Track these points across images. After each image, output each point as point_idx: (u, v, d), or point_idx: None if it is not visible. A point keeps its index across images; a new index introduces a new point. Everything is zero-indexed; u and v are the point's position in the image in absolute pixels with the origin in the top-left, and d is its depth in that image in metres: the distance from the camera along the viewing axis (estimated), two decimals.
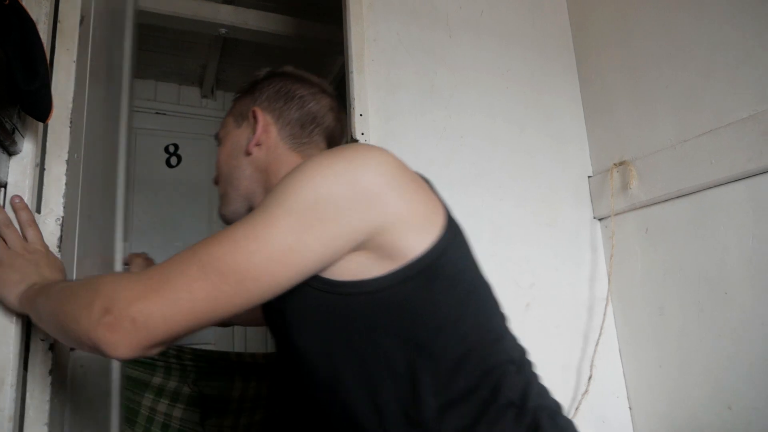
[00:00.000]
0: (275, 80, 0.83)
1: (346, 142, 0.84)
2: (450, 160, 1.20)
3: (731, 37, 1.02)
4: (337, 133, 0.85)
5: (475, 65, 1.28)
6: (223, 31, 1.93)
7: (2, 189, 0.75)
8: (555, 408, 0.65)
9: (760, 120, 0.95)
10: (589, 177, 1.35)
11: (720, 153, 1.02)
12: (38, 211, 0.77)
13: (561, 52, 1.41)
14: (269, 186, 0.77)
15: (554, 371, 1.18)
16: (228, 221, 0.80)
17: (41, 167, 0.78)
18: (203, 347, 1.52)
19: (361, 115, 1.10)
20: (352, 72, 1.12)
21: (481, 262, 0.69)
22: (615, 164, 1.27)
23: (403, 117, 1.18)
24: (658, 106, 1.16)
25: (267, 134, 0.78)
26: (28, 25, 0.68)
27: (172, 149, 2.56)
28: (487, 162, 1.24)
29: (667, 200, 1.14)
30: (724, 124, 1.02)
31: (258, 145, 0.78)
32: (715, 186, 1.03)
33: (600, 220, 1.32)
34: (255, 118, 0.79)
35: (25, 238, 0.73)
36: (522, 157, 1.28)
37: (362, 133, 1.10)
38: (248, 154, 0.79)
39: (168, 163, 2.54)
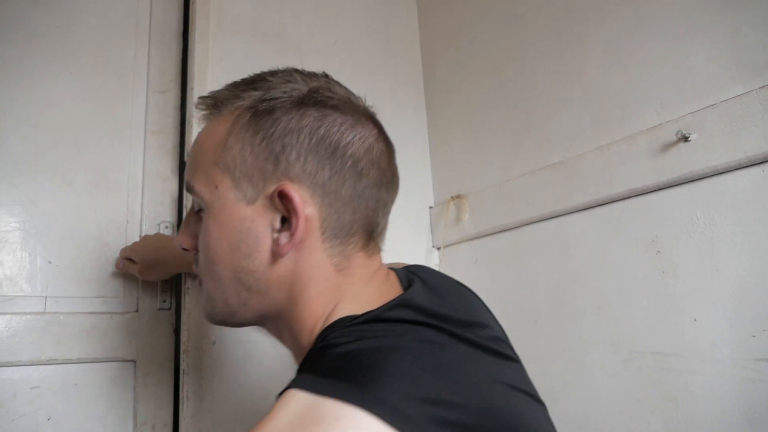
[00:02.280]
0: (309, 110, 0.52)
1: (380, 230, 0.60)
2: None
3: (547, 88, 1.14)
4: (383, 216, 0.58)
5: None
6: None
7: None
8: None
9: (567, 166, 1.06)
10: (430, 207, 1.42)
11: (535, 193, 1.12)
12: None
13: (411, 88, 1.48)
14: (293, 306, 0.54)
15: None
16: (223, 325, 0.59)
17: None
18: None
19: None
20: (192, 89, 1.09)
21: None
22: (452, 197, 1.34)
23: None
24: (489, 146, 1.26)
25: (307, 231, 0.52)
26: None
27: None
28: None
29: (492, 234, 1.23)
30: (539, 167, 1.12)
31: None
32: (530, 223, 1.13)
33: (438, 249, 1.39)
34: (285, 198, 0.51)
35: None
36: None
37: None
38: (273, 258, 0.52)
39: None
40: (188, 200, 1.05)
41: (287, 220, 0.52)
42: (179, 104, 1.15)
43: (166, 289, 1.06)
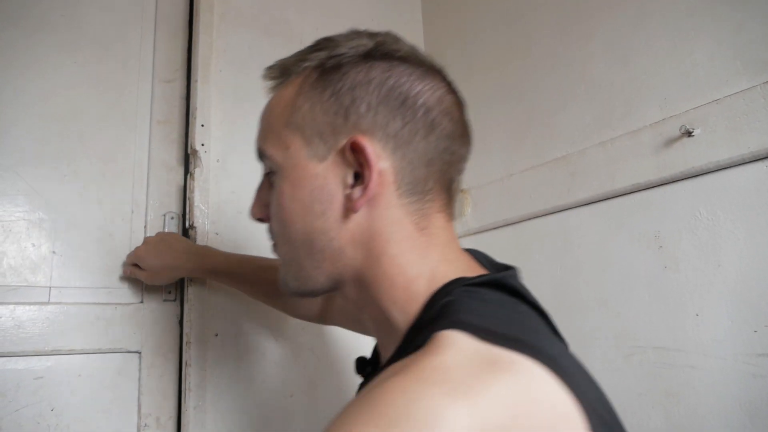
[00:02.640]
0: (377, 62, 0.51)
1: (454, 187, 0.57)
2: None
3: (550, 84, 1.14)
4: (457, 172, 0.55)
5: None
6: None
7: None
8: None
9: (569, 161, 1.06)
10: None
11: (537, 188, 1.12)
12: None
13: None
14: (374, 264, 0.51)
15: None
16: (297, 295, 0.57)
17: None
18: None
19: (203, 125, 1.07)
20: (196, 81, 1.09)
21: None
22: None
23: (250, 130, 1.15)
24: (492, 141, 1.26)
25: (381, 185, 0.50)
26: None
27: None
28: None
29: (495, 228, 1.23)
30: (542, 162, 1.12)
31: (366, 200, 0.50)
32: (533, 218, 1.14)
33: None
34: (357, 151, 0.50)
35: None
36: None
37: (203, 144, 1.07)
38: (346, 214, 0.51)
39: None
40: (192, 192, 1.06)
41: (360, 176, 0.50)
42: (185, 94, 1.15)
43: None
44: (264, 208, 0.58)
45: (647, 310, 0.92)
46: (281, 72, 0.56)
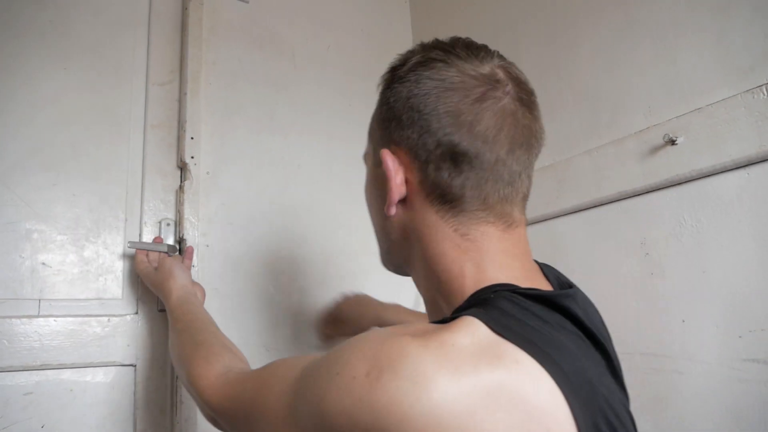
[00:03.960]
0: (425, 81, 0.54)
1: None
2: (285, 188, 1.21)
3: (538, 93, 1.14)
4: (509, 183, 0.54)
5: (319, 98, 1.32)
6: None
7: None
8: None
9: (557, 169, 1.07)
10: None
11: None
12: None
13: None
14: (421, 257, 0.57)
15: None
16: (389, 270, 0.65)
17: None
18: None
19: (192, 138, 1.08)
20: (186, 93, 1.09)
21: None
22: None
23: (239, 143, 1.17)
24: None
25: (411, 192, 0.56)
26: None
27: None
28: (324, 192, 1.26)
29: None
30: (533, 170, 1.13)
31: (401, 202, 0.57)
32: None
33: None
34: (382, 161, 0.56)
35: None
36: (360, 188, 1.32)
37: (192, 157, 1.07)
38: (388, 216, 0.58)
39: None
40: (182, 204, 1.06)
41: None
42: (180, 96, 1.13)
43: None
44: None
45: (634, 316, 0.93)
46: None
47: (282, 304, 1.15)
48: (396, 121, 0.56)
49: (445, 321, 0.47)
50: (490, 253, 0.54)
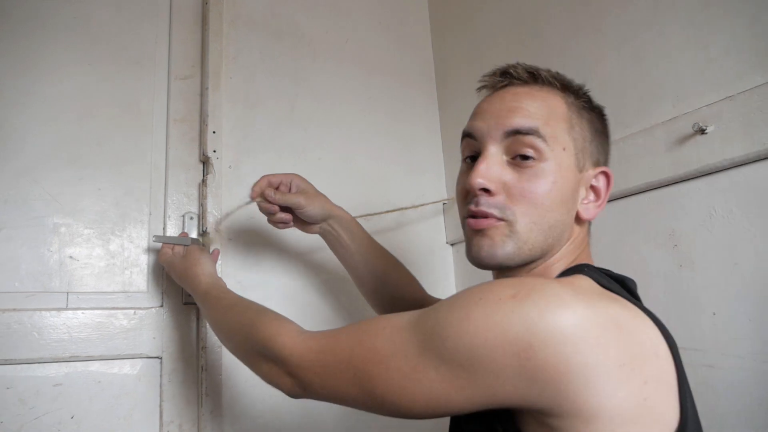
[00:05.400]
0: (598, 112, 0.72)
1: None
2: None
3: None
4: None
5: (337, 90, 1.31)
6: None
7: None
8: None
9: None
10: (444, 204, 1.42)
11: None
12: None
13: (423, 86, 1.47)
14: (562, 254, 0.67)
15: None
16: (493, 265, 0.66)
17: None
18: None
19: (214, 132, 1.08)
20: (207, 88, 1.09)
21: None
22: None
23: (260, 136, 1.17)
24: None
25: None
26: None
27: None
28: (344, 184, 1.26)
29: None
30: None
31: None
32: None
33: (452, 245, 1.39)
34: (606, 178, 0.68)
35: None
36: (379, 182, 1.32)
37: (214, 151, 1.08)
38: (579, 217, 0.67)
39: None
40: (205, 198, 1.06)
41: (594, 191, 0.68)
42: (202, 91, 1.13)
43: None
44: (497, 183, 0.64)
45: (663, 309, 0.91)
46: (533, 77, 0.68)
47: (304, 297, 1.15)
48: (605, 145, 0.71)
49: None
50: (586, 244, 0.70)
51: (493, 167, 0.64)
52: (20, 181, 0.95)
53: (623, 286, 0.62)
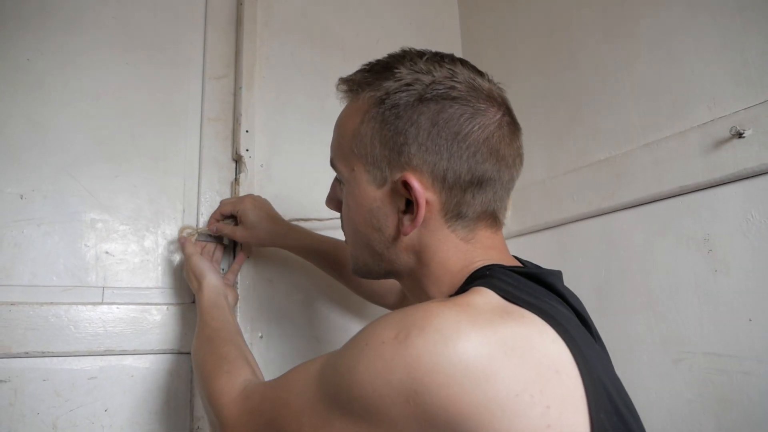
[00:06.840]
0: (429, 104, 0.57)
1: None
2: None
3: (594, 83, 1.12)
4: (506, 193, 0.63)
5: None
6: None
7: None
8: None
9: (613, 163, 1.05)
10: None
11: (580, 190, 1.11)
12: None
13: None
14: (424, 266, 0.62)
15: None
16: (361, 277, 0.68)
17: None
18: None
19: (247, 131, 1.10)
20: (241, 87, 1.11)
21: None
22: None
23: (291, 136, 1.18)
24: (533, 142, 1.25)
25: (429, 212, 0.59)
26: None
27: None
28: None
29: (536, 231, 1.22)
30: (585, 164, 1.11)
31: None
32: (575, 221, 1.12)
33: None
34: (406, 188, 0.58)
35: None
36: None
37: (247, 149, 1.09)
38: (398, 234, 0.61)
39: None
40: (237, 186, 1.08)
41: (410, 203, 0.59)
42: (236, 90, 1.15)
43: None
44: (336, 202, 0.70)
45: (697, 315, 0.90)
46: (350, 88, 0.65)
47: (334, 295, 1.16)
48: (417, 145, 0.57)
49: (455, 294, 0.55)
50: (483, 249, 0.61)
51: (333, 189, 0.72)
52: (59, 177, 0.97)
53: (540, 282, 0.57)
